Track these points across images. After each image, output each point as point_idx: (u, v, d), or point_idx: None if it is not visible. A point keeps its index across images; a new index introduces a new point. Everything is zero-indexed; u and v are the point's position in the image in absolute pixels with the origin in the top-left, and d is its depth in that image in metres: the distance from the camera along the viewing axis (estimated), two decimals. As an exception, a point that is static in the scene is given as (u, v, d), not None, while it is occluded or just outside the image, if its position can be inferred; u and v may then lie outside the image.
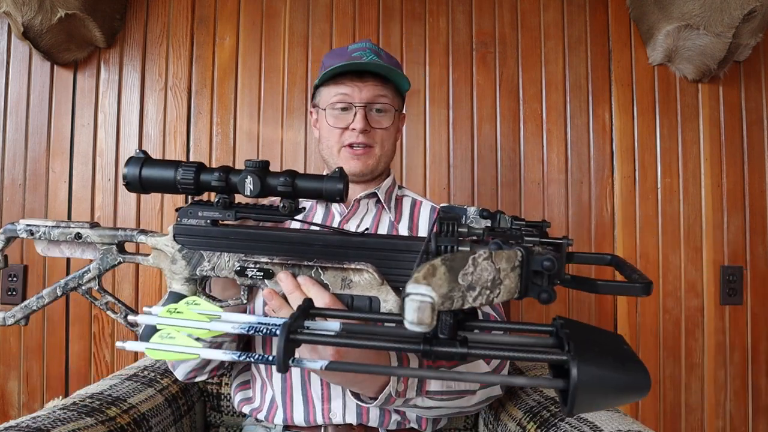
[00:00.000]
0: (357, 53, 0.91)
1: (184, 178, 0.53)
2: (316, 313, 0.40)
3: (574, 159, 1.47)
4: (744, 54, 1.44)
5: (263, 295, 0.56)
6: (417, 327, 0.27)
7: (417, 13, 1.48)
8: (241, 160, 1.43)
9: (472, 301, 0.31)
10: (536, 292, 0.34)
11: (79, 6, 1.28)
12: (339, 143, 0.90)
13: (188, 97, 1.45)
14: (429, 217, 0.94)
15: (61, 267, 1.40)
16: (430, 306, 0.27)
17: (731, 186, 1.48)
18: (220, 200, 0.55)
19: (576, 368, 0.30)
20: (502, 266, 0.32)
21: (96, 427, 0.68)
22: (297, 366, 0.35)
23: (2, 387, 1.40)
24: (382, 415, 0.81)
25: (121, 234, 0.59)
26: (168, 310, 0.42)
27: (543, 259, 0.33)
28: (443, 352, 0.33)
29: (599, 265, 0.49)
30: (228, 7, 1.47)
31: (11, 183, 1.42)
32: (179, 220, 0.57)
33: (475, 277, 0.31)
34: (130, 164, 0.55)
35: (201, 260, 0.57)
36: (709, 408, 1.45)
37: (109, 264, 0.59)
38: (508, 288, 0.33)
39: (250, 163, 0.53)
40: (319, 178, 0.53)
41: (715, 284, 1.46)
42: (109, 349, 1.40)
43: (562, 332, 0.34)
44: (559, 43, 1.49)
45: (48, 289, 0.60)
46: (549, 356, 0.32)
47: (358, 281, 0.54)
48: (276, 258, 0.55)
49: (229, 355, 0.37)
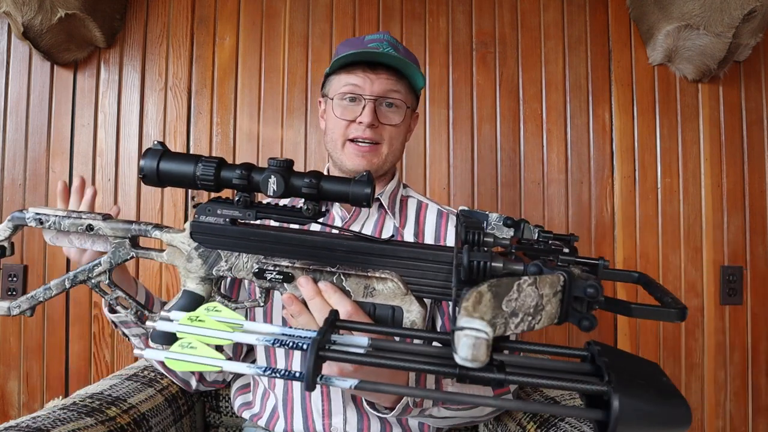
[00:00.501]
0: (373, 44, 0.86)
1: (204, 173, 0.51)
2: (342, 325, 0.38)
3: (574, 159, 1.47)
4: (744, 54, 1.44)
5: (282, 299, 0.55)
6: (470, 363, 0.26)
7: (417, 13, 1.48)
8: (241, 160, 1.43)
9: (514, 328, 0.30)
10: (577, 319, 0.33)
11: (79, 6, 1.28)
12: (344, 136, 0.85)
13: (188, 97, 1.45)
14: (435, 222, 0.90)
15: (61, 268, 1.40)
16: (485, 343, 0.26)
17: (731, 186, 1.48)
18: (241, 198, 0.53)
19: (618, 401, 0.29)
20: (545, 292, 0.31)
21: (96, 427, 0.68)
22: (326, 384, 0.33)
23: (2, 387, 1.40)
24: (383, 428, 0.80)
25: (135, 228, 0.57)
26: (189, 318, 0.40)
27: (587, 285, 0.32)
28: (480, 377, 0.32)
29: (627, 282, 0.48)
30: (228, 7, 1.47)
31: (11, 183, 1.42)
32: (197, 216, 0.55)
33: (519, 303, 0.30)
34: (147, 156, 0.53)
35: (218, 260, 0.55)
36: (709, 408, 1.45)
37: (121, 258, 0.57)
38: (549, 314, 0.32)
39: (273, 162, 0.51)
40: (345, 181, 0.51)
41: (715, 284, 1.46)
42: (109, 349, 1.40)
43: (600, 360, 0.32)
44: (559, 43, 1.49)
45: (56, 281, 0.58)
46: (590, 386, 0.31)
47: (381, 290, 0.52)
48: (297, 262, 0.53)
49: (254, 369, 0.36)
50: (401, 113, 0.87)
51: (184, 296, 0.56)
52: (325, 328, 0.35)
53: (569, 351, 0.36)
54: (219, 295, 0.57)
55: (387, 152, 0.87)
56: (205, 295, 0.56)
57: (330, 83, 0.89)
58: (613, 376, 0.30)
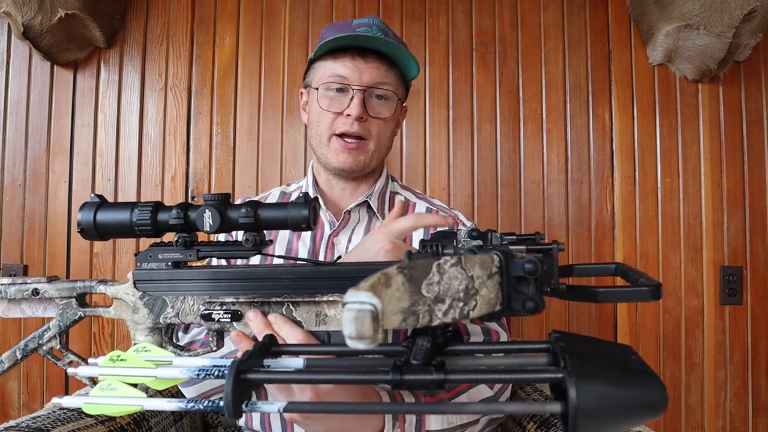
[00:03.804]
0: (362, 28, 0.78)
1: (140, 219, 0.48)
2: (279, 350, 0.35)
3: (574, 159, 1.47)
4: (744, 54, 1.44)
5: (231, 339, 0.51)
6: (358, 342, 0.22)
7: (417, 13, 1.48)
8: (241, 160, 1.44)
9: (443, 316, 0.27)
10: (520, 302, 0.30)
11: (79, 6, 1.28)
12: (330, 130, 0.79)
13: (188, 97, 1.45)
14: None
15: (61, 268, 1.40)
16: (369, 315, 0.22)
17: (731, 186, 1.48)
18: (180, 239, 0.50)
19: (574, 387, 0.26)
20: (476, 273, 0.28)
21: (96, 427, 0.68)
22: (251, 410, 0.31)
23: (2, 387, 1.40)
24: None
25: (80, 285, 0.54)
26: (111, 359, 0.38)
27: (524, 262, 0.29)
28: (415, 380, 0.29)
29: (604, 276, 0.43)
30: (228, 7, 1.47)
31: (11, 183, 1.42)
32: (139, 265, 0.52)
33: (443, 287, 0.27)
34: (84, 209, 0.50)
35: (164, 307, 0.52)
36: (709, 408, 1.45)
37: (70, 319, 0.55)
38: (486, 299, 0.29)
39: (208, 196, 0.49)
40: (283, 207, 0.48)
41: (715, 284, 1.46)
42: (109, 349, 1.40)
43: (557, 347, 0.30)
44: (559, 43, 1.49)
45: (7, 353, 0.55)
46: (541, 375, 0.28)
47: (333, 315, 0.49)
48: (242, 296, 0.50)
49: (176, 404, 0.34)
50: (391, 106, 0.80)
51: None
52: (252, 351, 0.33)
53: (530, 345, 0.34)
54: (170, 345, 0.54)
55: (374, 149, 0.81)
56: (156, 345, 0.53)
57: (314, 71, 0.82)
58: (568, 360, 0.27)
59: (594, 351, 0.30)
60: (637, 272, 0.37)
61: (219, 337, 0.53)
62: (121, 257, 1.42)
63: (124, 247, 1.42)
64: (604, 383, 0.26)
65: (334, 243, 0.84)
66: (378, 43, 0.76)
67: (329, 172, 0.86)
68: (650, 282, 0.32)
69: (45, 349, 0.55)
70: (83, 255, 1.41)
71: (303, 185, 0.93)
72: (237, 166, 1.45)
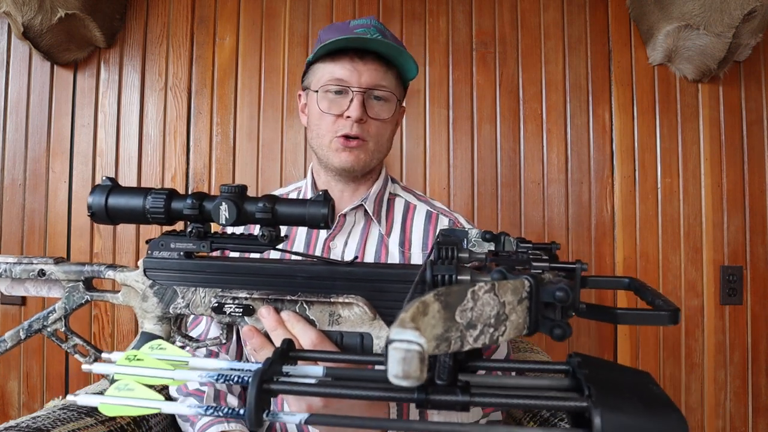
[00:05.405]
0: (360, 30, 0.78)
1: (153, 206, 0.48)
2: (297, 356, 0.35)
3: (574, 159, 1.47)
4: (744, 54, 1.44)
5: (242, 333, 0.51)
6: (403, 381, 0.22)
7: (417, 13, 1.48)
8: (241, 160, 1.44)
9: (473, 342, 0.27)
10: (548, 328, 0.30)
11: (79, 6, 1.28)
12: (332, 132, 0.79)
13: (188, 97, 1.45)
14: (423, 227, 0.84)
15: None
16: (417, 356, 0.22)
17: (731, 186, 1.48)
18: (194, 230, 0.49)
19: (599, 417, 0.26)
20: (507, 299, 0.28)
21: (96, 427, 0.68)
22: (272, 420, 0.30)
23: (2, 387, 1.40)
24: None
25: (88, 269, 0.54)
26: (127, 357, 0.37)
27: (555, 289, 0.29)
28: (441, 401, 0.29)
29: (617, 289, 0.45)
30: (228, 7, 1.47)
31: (11, 183, 1.42)
32: (150, 252, 0.52)
33: (476, 313, 0.27)
34: (95, 192, 0.49)
35: (174, 297, 0.52)
36: (709, 408, 1.45)
37: (76, 303, 0.55)
38: (515, 324, 0.29)
39: (225, 188, 0.48)
40: (301, 203, 0.48)
41: (715, 284, 1.46)
42: (109, 349, 1.40)
43: (580, 373, 0.30)
44: (559, 43, 1.49)
45: (10, 332, 0.55)
46: (567, 403, 0.28)
47: (347, 316, 0.49)
48: (256, 293, 0.50)
49: (194, 410, 0.33)
50: (390, 107, 0.80)
51: (141, 338, 0.53)
52: (273, 358, 0.33)
53: (549, 366, 0.34)
54: (179, 335, 0.54)
55: (374, 149, 0.81)
56: (165, 335, 0.53)
57: (312, 73, 0.82)
58: (593, 389, 0.28)
59: (616, 379, 0.30)
60: (651, 291, 0.37)
61: (229, 330, 0.53)
62: (121, 257, 1.42)
63: (124, 247, 1.42)
64: (627, 415, 0.27)
65: (330, 247, 0.83)
66: (376, 44, 0.76)
67: (330, 173, 0.85)
68: (668, 306, 0.33)
69: (50, 330, 0.55)
70: (83, 255, 1.41)
71: (302, 186, 0.92)
72: (237, 167, 1.45)
